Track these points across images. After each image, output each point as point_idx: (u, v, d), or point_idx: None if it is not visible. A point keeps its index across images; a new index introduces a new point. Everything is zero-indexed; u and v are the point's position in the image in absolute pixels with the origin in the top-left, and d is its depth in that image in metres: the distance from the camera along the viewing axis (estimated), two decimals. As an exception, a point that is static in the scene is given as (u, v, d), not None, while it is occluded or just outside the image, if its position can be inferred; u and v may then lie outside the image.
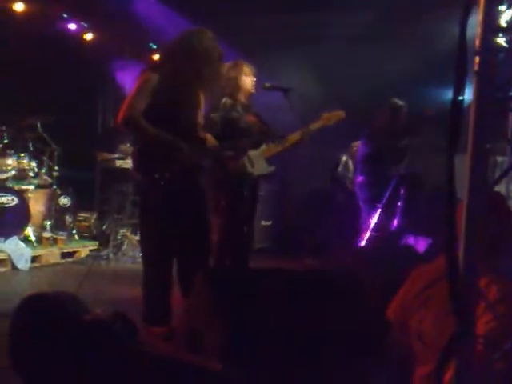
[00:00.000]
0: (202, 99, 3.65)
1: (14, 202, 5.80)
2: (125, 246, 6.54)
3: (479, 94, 1.12)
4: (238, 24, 6.98)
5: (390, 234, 5.89)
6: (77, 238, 6.70)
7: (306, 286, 2.17)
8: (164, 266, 3.57)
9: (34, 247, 5.95)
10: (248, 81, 4.25)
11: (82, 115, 7.54)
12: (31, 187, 6.33)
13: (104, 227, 6.88)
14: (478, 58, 1.12)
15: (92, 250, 6.50)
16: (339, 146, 7.27)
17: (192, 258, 3.54)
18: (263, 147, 4.20)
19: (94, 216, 7.02)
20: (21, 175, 6.22)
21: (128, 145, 6.67)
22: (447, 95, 6.32)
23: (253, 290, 2.11)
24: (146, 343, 1.91)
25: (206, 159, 3.85)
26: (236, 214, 4.12)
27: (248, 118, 4.29)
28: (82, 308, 1.88)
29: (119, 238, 6.62)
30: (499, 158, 4.02)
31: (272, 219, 7.77)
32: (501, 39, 1.15)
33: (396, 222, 5.93)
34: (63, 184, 6.70)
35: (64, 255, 6.23)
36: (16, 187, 6.08)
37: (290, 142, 4.24)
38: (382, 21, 6.65)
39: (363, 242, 5.87)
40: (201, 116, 3.69)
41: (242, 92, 4.25)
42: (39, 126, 6.38)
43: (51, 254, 6.08)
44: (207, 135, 3.77)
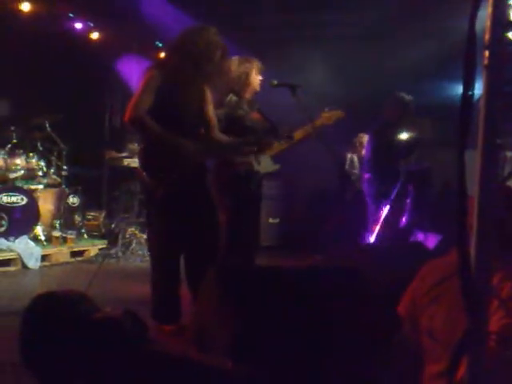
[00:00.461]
0: (209, 95, 3.63)
1: (24, 202, 5.83)
2: (133, 245, 6.56)
3: (489, 89, 1.12)
4: (245, 22, 6.99)
5: (398, 231, 5.87)
6: (86, 236, 6.73)
7: (313, 284, 2.16)
8: (171, 265, 3.58)
9: (43, 246, 5.99)
10: (257, 79, 4.24)
11: (89, 114, 7.57)
12: (40, 186, 6.37)
13: (113, 226, 6.91)
14: (487, 52, 1.11)
15: (101, 249, 6.53)
16: (347, 143, 7.25)
17: (199, 256, 3.54)
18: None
19: (102, 215, 7.05)
20: (30, 175, 6.26)
21: (136, 144, 6.69)
22: (456, 90, 6.31)
23: (262, 288, 2.11)
24: (157, 341, 1.91)
25: (210, 157, 3.85)
26: (242, 212, 4.11)
27: (252, 115, 4.28)
28: (92, 306, 1.88)
29: (128, 236, 6.64)
30: (509, 154, 4.00)
31: (279, 217, 7.77)
32: (511, 33, 1.14)
33: (405, 218, 5.91)
34: (72, 183, 6.74)
35: (73, 254, 6.25)
36: (25, 187, 6.12)
37: (296, 140, 4.23)
38: (389, 18, 6.63)
39: (372, 239, 5.85)
40: (212, 113, 3.67)
41: (250, 89, 4.23)
42: (47, 125, 6.41)
43: (61, 253, 6.11)
44: (218, 133, 3.74)
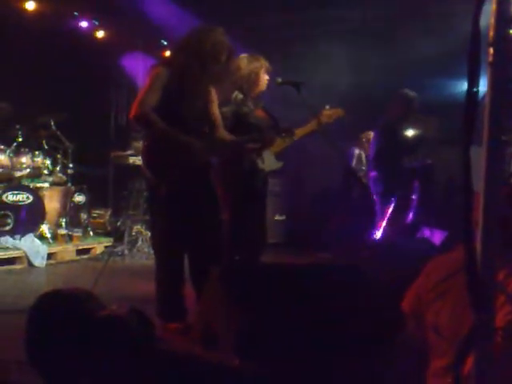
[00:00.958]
0: (214, 95, 3.64)
1: (30, 200, 5.86)
2: (139, 242, 6.57)
3: (493, 86, 1.11)
4: (251, 22, 6.99)
5: (405, 227, 5.86)
6: (92, 234, 6.75)
7: (318, 281, 2.17)
8: (175, 263, 3.59)
9: (49, 244, 6.01)
10: (265, 78, 4.24)
11: (94, 113, 7.59)
12: (46, 185, 6.39)
13: (118, 224, 6.93)
14: (491, 50, 1.11)
15: (107, 247, 6.55)
16: (352, 140, 7.25)
17: (203, 254, 3.54)
18: None
19: (108, 212, 7.07)
20: (35, 173, 6.29)
21: (141, 142, 6.69)
22: (460, 87, 6.29)
23: (266, 286, 2.12)
24: (163, 340, 1.92)
25: (215, 155, 3.85)
26: (246, 209, 4.12)
27: (257, 112, 4.28)
28: (98, 304, 1.89)
29: (134, 234, 6.66)
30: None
31: (285, 214, 7.77)
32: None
33: (411, 214, 5.91)
34: (77, 181, 6.76)
35: (79, 252, 6.28)
36: (31, 185, 6.14)
37: (297, 136, 4.24)
38: (393, 15, 6.62)
39: (378, 236, 5.85)
40: (217, 112, 3.68)
41: (257, 87, 4.24)
42: (53, 123, 6.43)
43: (67, 251, 6.13)
44: (224, 132, 3.75)
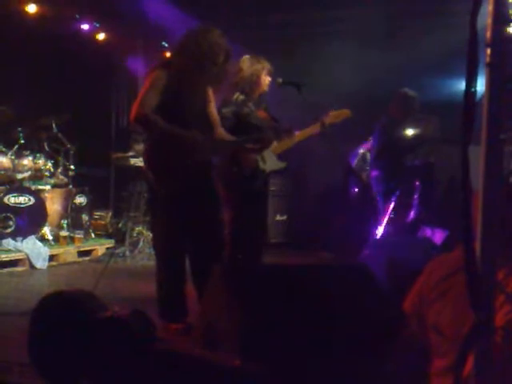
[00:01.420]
0: (212, 95, 3.66)
1: (31, 202, 5.87)
2: (141, 244, 6.58)
3: (491, 85, 1.12)
4: (249, 22, 6.99)
5: (406, 226, 5.87)
6: (93, 236, 6.76)
7: (321, 281, 2.17)
8: (177, 264, 3.60)
9: (51, 246, 6.02)
10: (267, 80, 4.25)
11: (96, 115, 7.61)
12: (47, 187, 6.40)
13: (120, 225, 6.94)
14: (489, 50, 1.11)
15: (108, 248, 6.56)
16: (353, 139, 7.24)
17: (204, 254, 3.55)
18: (274, 143, 4.20)
19: (109, 214, 7.08)
20: (37, 175, 6.30)
21: (142, 145, 6.71)
22: (458, 86, 6.29)
23: (270, 285, 2.12)
24: (164, 340, 1.93)
25: (218, 154, 3.86)
26: (248, 209, 4.13)
27: (259, 113, 4.29)
28: (100, 305, 1.90)
29: (135, 235, 6.67)
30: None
31: (287, 214, 7.77)
32: (512, 30, 1.15)
33: (412, 213, 5.91)
34: (79, 183, 6.77)
35: (81, 254, 6.29)
36: (33, 187, 6.15)
37: (299, 137, 4.24)
38: (393, 15, 6.62)
39: (379, 235, 5.85)
40: (214, 112, 3.70)
41: (259, 89, 4.25)
42: (54, 126, 6.44)
43: (68, 253, 6.14)
44: (222, 131, 3.77)
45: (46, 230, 6.16)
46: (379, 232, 5.86)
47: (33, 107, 6.39)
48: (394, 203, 5.80)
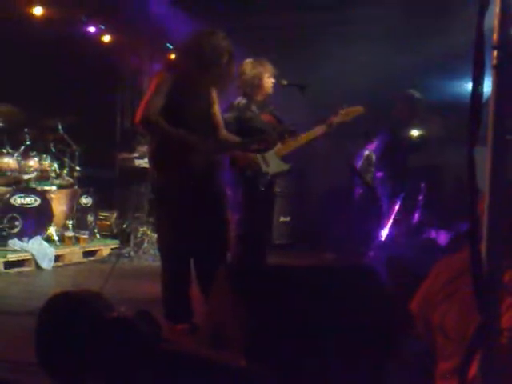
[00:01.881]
0: (215, 97, 3.66)
1: (37, 203, 5.89)
2: (145, 244, 6.59)
3: (498, 87, 1.12)
4: (252, 24, 7.00)
5: (411, 228, 5.85)
6: (98, 236, 6.77)
7: (325, 282, 2.17)
8: (182, 265, 3.60)
9: (56, 246, 6.03)
10: (270, 82, 4.23)
11: (101, 116, 7.63)
12: (53, 188, 6.42)
13: (124, 226, 6.95)
14: (495, 52, 1.12)
15: (113, 249, 6.57)
16: (357, 141, 7.22)
17: (209, 254, 3.56)
18: (278, 146, 4.17)
19: (114, 215, 7.09)
20: (43, 176, 6.32)
21: (146, 146, 6.72)
22: (464, 87, 6.27)
23: (275, 286, 2.12)
24: (171, 341, 1.93)
25: (222, 155, 3.86)
26: (254, 211, 4.12)
27: (263, 117, 4.28)
28: (106, 306, 1.91)
29: (140, 236, 6.67)
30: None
31: (291, 215, 7.76)
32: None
33: (417, 215, 5.90)
34: (84, 184, 6.78)
35: (86, 254, 6.30)
36: (38, 188, 6.17)
37: (305, 139, 4.22)
38: (397, 15, 6.61)
39: (384, 237, 5.84)
40: (218, 113, 3.70)
41: (262, 91, 4.23)
42: (60, 127, 6.46)
43: (74, 253, 6.16)
44: (226, 132, 3.78)
45: (52, 231, 6.18)
46: (384, 233, 5.85)
47: (39, 109, 6.40)
48: (398, 205, 5.80)
